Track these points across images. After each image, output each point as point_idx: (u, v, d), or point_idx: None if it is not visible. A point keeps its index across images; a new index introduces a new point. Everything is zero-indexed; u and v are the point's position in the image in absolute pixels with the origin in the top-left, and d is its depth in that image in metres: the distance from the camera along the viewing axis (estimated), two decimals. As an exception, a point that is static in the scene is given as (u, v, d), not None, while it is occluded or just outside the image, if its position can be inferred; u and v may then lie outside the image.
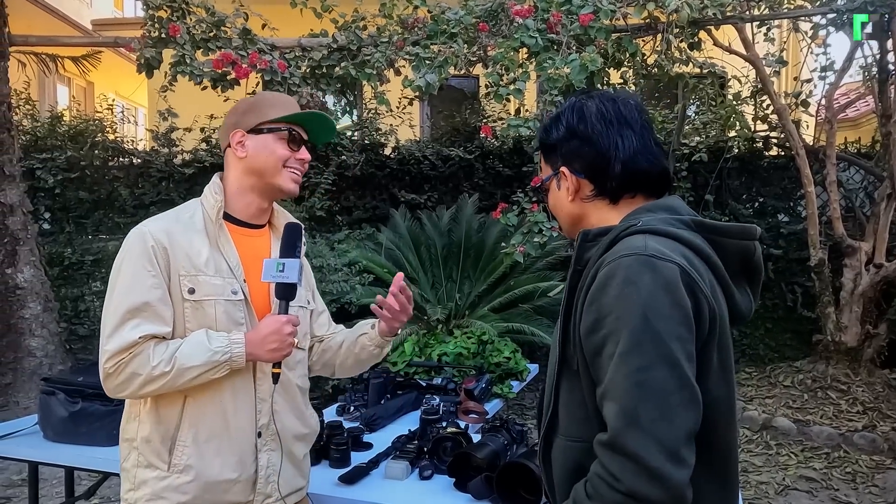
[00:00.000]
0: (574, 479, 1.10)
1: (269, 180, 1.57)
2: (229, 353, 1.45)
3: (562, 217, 1.31)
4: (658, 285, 1.01)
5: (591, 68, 3.40)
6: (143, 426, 1.48)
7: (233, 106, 1.65)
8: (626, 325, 1.00)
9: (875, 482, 4.13)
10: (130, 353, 1.39)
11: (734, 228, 1.16)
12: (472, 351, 3.37)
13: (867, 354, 5.23)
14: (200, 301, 1.47)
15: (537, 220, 3.74)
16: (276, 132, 1.57)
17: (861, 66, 5.62)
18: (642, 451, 0.96)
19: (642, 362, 0.99)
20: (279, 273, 1.49)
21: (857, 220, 5.89)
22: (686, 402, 0.99)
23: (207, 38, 4.41)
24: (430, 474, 2.09)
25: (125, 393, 1.42)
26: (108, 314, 1.42)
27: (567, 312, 1.14)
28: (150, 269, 1.42)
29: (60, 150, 6.31)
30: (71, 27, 10.15)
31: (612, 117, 1.21)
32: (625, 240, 1.09)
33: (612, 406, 1.00)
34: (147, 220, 1.52)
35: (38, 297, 5.01)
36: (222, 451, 1.49)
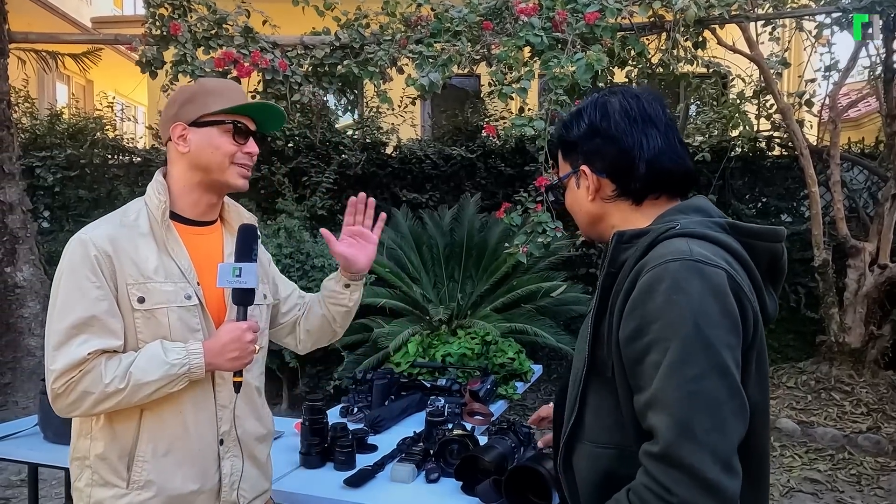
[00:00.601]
0: (603, 486, 1.08)
1: (216, 177, 1.48)
2: (187, 364, 1.37)
3: (580, 216, 1.27)
4: (707, 292, 0.99)
5: (596, 67, 3.37)
6: (96, 443, 1.39)
7: (171, 95, 1.53)
8: (675, 334, 0.98)
9: (880, 484, 4.11)
10: (80, 371, 1.29)
11: (765, 231, 1.14)
12: (476, 352, 3.34)
13: (871, 356, 5.21)
14: (151, 310, 1.38)
15: (541, 220, 3.71)
16: (220, 125, 1.46)
17: (865, 65, 5.62)
18: (698, 463, 0.94)
19: (695, 372, 0.96)
20: (236, 278, 1.42)
21: (860, 221, 5.86)
22: (737, 411, 0.98)
23: (209, 36, 4.39)
24: (436, 477, 2.06)
25: (77, 412, 1.33)
26: (51, 330, 1.32)
27: (599, 316, 1.10)
28: (95, 280, 1.33)
29: (60, 149, 6.28)
30: (71, 25, 10.12)
31: (637, 115, 1.17)
32: (665, 243, 1.06)
33: (663, 417, 0.97)
34: (88, 225, 1.42)
35: (37, 296, 4.97)
36: (183, 463, 1.42)
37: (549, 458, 1.85)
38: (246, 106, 1.50)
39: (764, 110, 6.02)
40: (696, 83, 5.79)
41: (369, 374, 2.94)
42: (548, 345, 4.90)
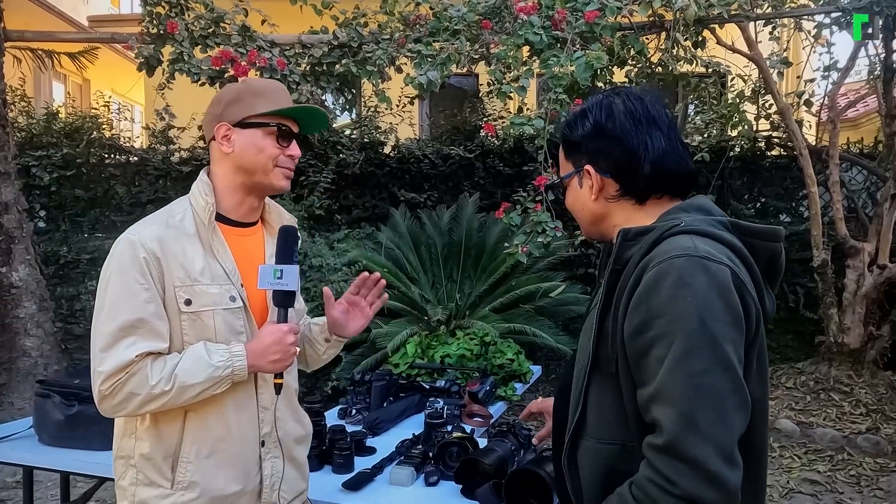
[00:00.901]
0: (606, 482, 1.10)
1: (259, 179, 1.48)
2: (231, 367, 1.38)
3: (582, 216, 1.29)
4: (712, 288, 1.01)
5: (596, 66, 3.35)
6: (141, 443, 1.41)
7: (216, 94, 1.52)
8: (681, 328, 1.00)
9: (879, 485, 4.10)
10: (127, 373, 1.31)
11: (765, 230, 1.16)
12: (475, 352, 3.32)
13: (870, 356, 5.20)
14: (198, 312, 1.39)
15: (540, 220, 3.69)
16: (264, 127, 1.46)
17: (865, 65, 5.61)
18: (701, 455, 0.96)
19: (700, 366, 0.98)
20: (277, 280, 1.43)
21: (859, 221, 5.86)
22: (739, 405, 1.00)
23: (206, 34, 4.36)
24: (435, 480, 2.04)
25: (122, 413, 1.35)
26: (99, 332, 1.33)
27: (604, 312, 1.12)
28: (143, 282, 1.33)
29: (56, 148, 6.24)
30: (67, 23, 10.07)
31: (641, 116, 1.19)
32: (669, 239, 1.08)
33: (668, 410, 0.99)
34: (135, 226, 1.42)
35: (33, 297, 4.94)
36: (226, 464, 1.43)
37: (549, 460, 1.83)
38: (291, 109, 1.51)
39: (763, 110, 6.01)
40: (695, 83, 5.78)
41: (367, 376, 2.91)
42: (546, 345, 4.89)
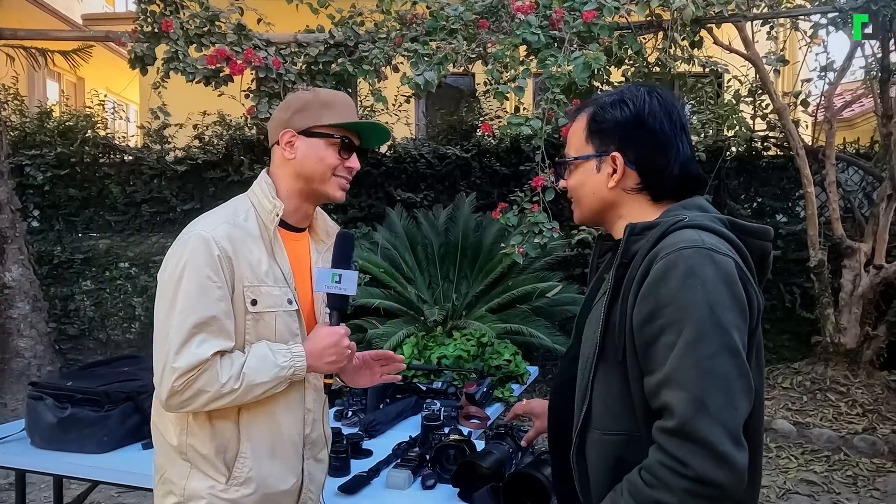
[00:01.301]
0: (613, 473, 1.12)
1: (317, 186, 1.51)
2: (293, 367, 1.42)
3: (589, 200, 1.29)
4: (719, 278, 1.06)
5: (594, 66, 3.34)
6: (194, 438, 1.43)
7: (286, 100, 1.56)
8: (690, 316, 1.04)
9: (876, 485, 4.10)
10: (200, 370, 1.33)
11: (758, 229, 1.20)
12: (471, 353, 3.29)
13: (866, 356, 5.20)
14: (262, 313, 1.43)
15: (537, 221, 3.68)
16: (328, 138, 1.49)
17: (861, 65, 5.60)
18: (712, 436, 1.00)
19: (709, 351, 1.03)
20: (335, 284, 1.48)
21: (855, 221, 5.85)
22: (745, 389, 1.04)
23: (201, 33, 4.33)
24: (433, 483, 2.03)
25: (187, 409, 1.37)
26: (170, 327, 1.34)
27: (611, 303, 1.15)
28: (216, 281, 1.36)
29: (50, 147, 6.20)
30: (61, 21, 10.02)
31: (679, 120, 1.23)
32: (676, 233, 1.12)
33: (679, 393, 1.03)
34: (203, 222, 1.43)
35: (26, 297, 4.91)
36: (276, 462, 1.48)
37: (547, 463, 1.82)
38: (356, 124, 1.55)
39: (759, 110, 6.00)
40: (692, 83, 5.77)
41: (364, 377, 2.89)
42: (543, 346, 4.88)
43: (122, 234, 6.31)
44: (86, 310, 6.06)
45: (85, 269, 6.11)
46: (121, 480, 2.31)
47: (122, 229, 6.33)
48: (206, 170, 6.15)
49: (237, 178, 6.07)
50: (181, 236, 1.41)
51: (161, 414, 1.48)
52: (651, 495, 1.04)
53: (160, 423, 1.49)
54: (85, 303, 6.05)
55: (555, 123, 3.42)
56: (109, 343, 6.13)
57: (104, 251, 6.08)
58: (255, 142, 6.17)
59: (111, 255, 6.07)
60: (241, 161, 6.10)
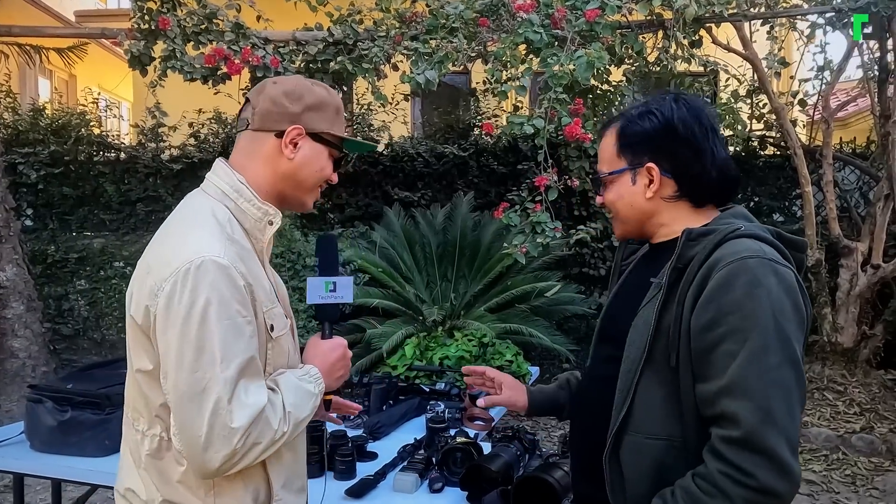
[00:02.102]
0: (653, 476, 1.13)
1: (301, 194, 1.35)
2: (320, 392, 1.28)
3: (628, 213, 1.30)
4: (782, 289, 1.08)
5: (597, 65, 3.32)
6: (224, 497, 1.22)
7: (288, 84, 1.32)
8: (755, 325, 1.05)
9: (875, 485, 4.11)
10: (256, 422, 1.13)
11: (799, 241, 1.24)
12: (473, 354, 3.28)
13: (863, 355, 5.21)
14: (278, 339, 1.26)
15: (540, 221, 3.66)
16: (333, 148, 1.35)
17: (858, 65, 5.62)
18: (777, 447, 1.01)
19: (775, 362, 1.04)
20: (330, 293, 1.36)
21: (852, 221, 5.88)
22: (801, 400, 1.07)
23: (199, 31, 4.29)
24: (440, 487, 2.00)
25: (239, 467, 1.15)
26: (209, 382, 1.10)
27: (664, 309, 1.15)
28: (246, 315, 1.15)
29: (43, 145, 6.14)
30: (53, 18, 9.92)
31: (709, 124, 1.24)
32: (734, 241, 1.12)
33: (744, 402, 1.03)
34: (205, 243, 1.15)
35: (21, 297, 4.85)
36: (297, 488, 1.36)
37: (557, 467, 1.81)
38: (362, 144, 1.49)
39: (757, 110, 6.01)
40: (690, 82, 5.77)
41: (366, 378, 2.87)
42: (542, 345, 4.86)
43: (116, 233, 6.26)
44: (80, 309, 6.01)
45: (79, 269, 6.05)
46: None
47: (117, 228, 6.28)
48: (202, 168, 6.07)
49: (233, 176, 6.01)
50: (178, 264, 1.13)
51: (170, 484, 1.22)
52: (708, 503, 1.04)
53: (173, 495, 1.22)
54: (79, 302, 6.00)
55: (557, 122, 3.41)
56: (104, 343, 6.08)
57: (99, 250, 6.02)
58: (251, 140, 6.12)
59: (106, 255, 6.01)
60: (237, 159, 6.05)
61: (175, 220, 1.26)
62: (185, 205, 1.29)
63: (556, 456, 1.92)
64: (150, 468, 1.23)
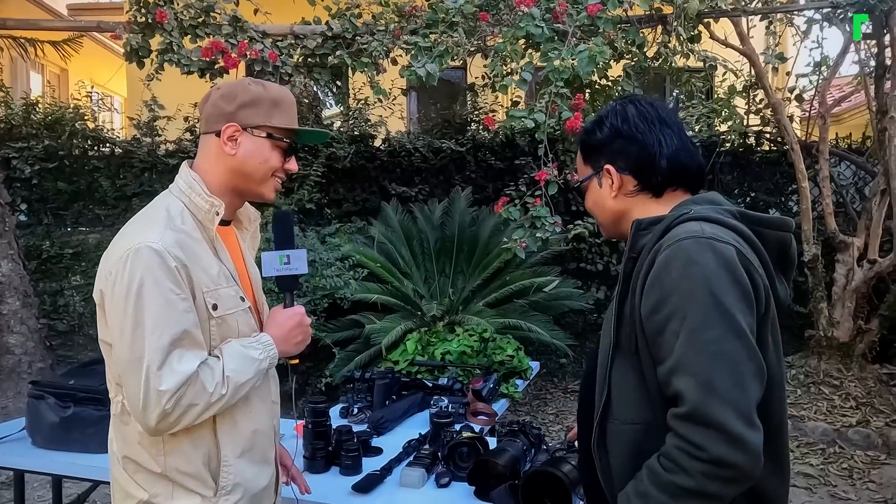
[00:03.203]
0: (634, 461, 1.16)
1: (254, 186, 1.46)
2: (268, 357, 1.41)
3: (604, 214, 1.38)
4: (719, 264, 1.09)
5: (599, 60, 3.31)
6: (173, 457, 1.36)
7: (226, 87, 1.44)
8: (692, 302, 1.08)
9: (871, 478, 4.14)
10: (186, 386, 1.27)
11: (773, 220, 1.25)
12: (475, 349, 3.28)
13: (859, 349, 5.24)
14: (223, 316, 1.38)
15: (539, 215, 3.66)
16: (275, 140, 1.43)
17: (854, 61, 5.64)
18: (723, 418, 1.02)
19: (714, 335, 1.06)
20: (285, 266, 1.47)
21: (847, 216, 5.90)
22: (754, 371, 1.07)
23: (196, 24, 4.25)
24: (447, 481, 2.01)
25: (178, 427, 1.29)
26: (143, 350, 1.25)
27: (622, 298, 1.21)
28: (179, 292, 1.29)
29: (37, 139, 6.08)
30: (45, 11, 9.82)
31: (654, 118, 1.31)
32: (679, 226, 1.17)
33: (688, 379, 1.06)
34: (144, 232, 1.31)
35: (16, 292, 4.80)
36: (255, 460, 1.46)
37: (565, 461, 1.81)
38: (307, 131, 1.55)
39: (753, 105, 6.03)
40: (687, 77, 5.78)
41: (368, 373, 2.87)
42: (541, 340, 4.87)
43: (112, 228, 6.20)
44: (75, 305, 5.96)
45: (74, 264, 6.01)
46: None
47: (113, 223, 6.22)
48: (200, 163, 6.05)
49: (229, 171, 5.97)
50: (121, 252, 1.29)
51: (128, 443, 1.39)
52: (670, 479, 1.07)
53: (132, 453, 1.39)
54: (74, 298, 5.95)
55: (558, 117, 3.40)
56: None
57: (94, 246, 5.97)
58: (247, 135, 6.08)
59: (101, 250, 5.86)
60: (233, 154, 6.01)
61: (135, 217, 1.43)
62: (150, 203, 1.45)
63: (563, 450, 1.91)
64: (116, 429, 1.43)
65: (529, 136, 5.91)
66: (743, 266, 1.11)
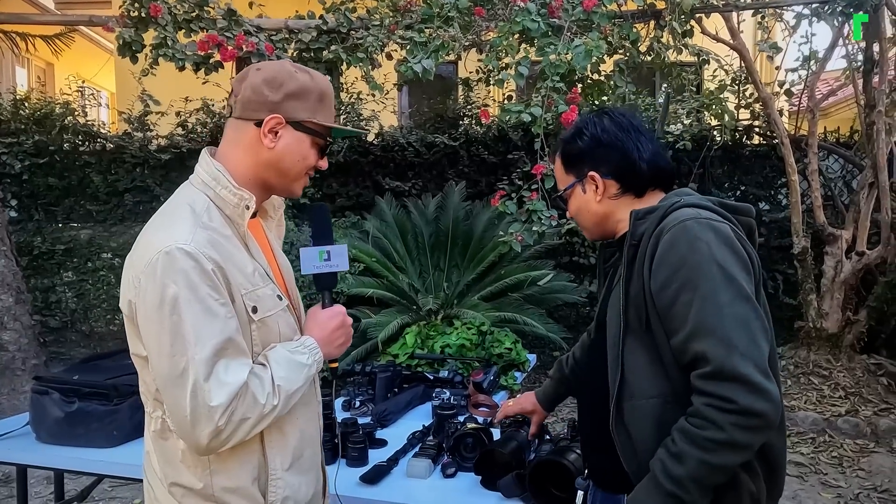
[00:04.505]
0: (656, 433, 1.24)
1: (286, 182, 1.35)
2: (315, 361, 1.31)
3: (588, 218, 1.48)
4: (720, 240, 1.22)
5: (595, 54, 3.34)
6: (219, 476, 1.26)
7: (269, 70, 1.30)
8: (701, 273, 1.19)
9: (861, 465, 4.22)
10: (237, 399, 1.16)
11: (742, 206, 1.39)
12: (473, 342, 3.31)
13: (847, 340, 5.32)
14: (264, 319, 1.27)
15: (536, 209, 3.69)
16: (316, 137, 1.33)
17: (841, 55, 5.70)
18: (746, 371, 1.12)
19: (725, 299, 1.17)
20: (325, 262, 1.38)
21: (835, 209, 5.98)
22: (762, 330, 1.18)
23: (190, 18, 4.23)
24: (453, 472, 2.03)
25: (230, 444, 1.19)
26: (185, 364, 1.14)
27: (628, 281, 1.30)
28: (218, 297, 1.17)
29: (27, 135, 6.03)
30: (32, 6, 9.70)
31: (629, 126, 1.43)
32: (675, 212, 1.28)
33: (708, 340, 1.16)
34: (172, 232, 1.19)
35: (9, 289, 4.76)
36: (304, 469, 1.38)
37: (570, 450, 1.84)
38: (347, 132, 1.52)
39: (743, 99, 6.09)
40: (678, 71, 5.83)
41: (368, 367, 2.89)
42: (535, 334, 4.91)
43: (104, 224, 6.18)
44: (68, 302, 5.93)
45: (66, 260, 5.97)
46: (127, 474, 2.26)
47: (105, 219, 6.20)
48: (191, 158, 6.01)
49: (223, 166, 5.95)
50: (149, 256, 1.17)
51: (171, 463, 1.28)
52: (702, 435, 1.15)
53: (176, 475, 1.27)
54: (67, 294, 5.92)
55: (554, 111, 3.43)
56: (93, 335, 6.01)
57: (86, 242, 5.94)
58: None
59: (93, 246, 5.93)
60: (226, 149, 5.98)
61: (156, 214, 1.30)
62: (171, 197, 1.33)
63: (567, 440, 1.94)
64: (157, 448, 1.30)
65: (522, 131, 5.93)
66: (738, 241, 1.24)
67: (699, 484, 1.16)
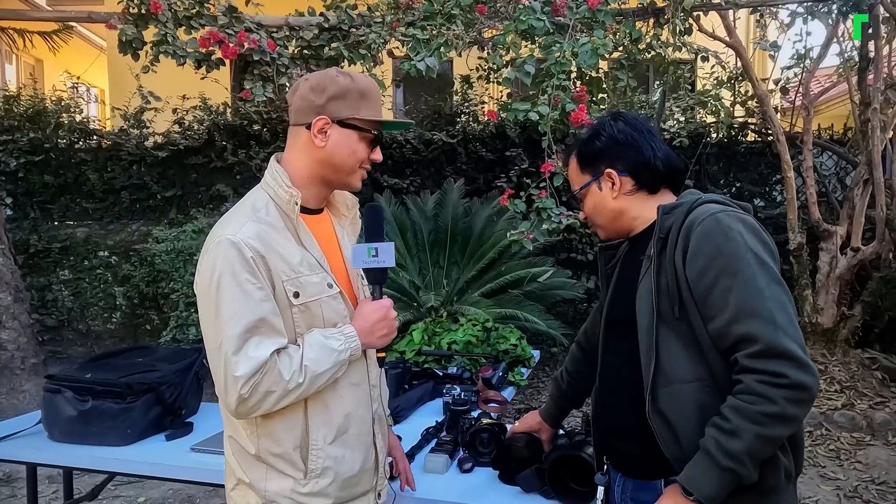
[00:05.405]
0: (697, 415, 1.30)
1: (342, 177, 1.49)
2: (349, 348, 1.42)
3: (604, 215, 1.55)
4: (749, 230, 1.31)
5: (601, 52, 3.36)
6: (264, 440, 1.42)
7: (314, 79, 1.47)
8: (738, 261, 1.26)
9: (858, 458, 4.28)
10: (262, 372, 1.31)
11: (742, 205, 1.46)
12: (479, 339, 3.33)
13: (842, 335, 5.39)
14: (306, 303, 1.41)
15: (545, 207, 3.71)
16: (362, 131, 1.46)
17: (836, 53, 5.77)
18: (792, 348, 1.20)
19: (763, 283, 1.25)
20: (373, 258, 1.48)
21: (829, 205, 6.05)
22: (794, 313, 1.27)
23: (190, 15, 4.21)
24: (470, 467, 2.05)
25: (258, 412, 1.35)
26: (221, 337, 1.31)
27: (658, 273, 1.37)
28: (255, 282, 1.33)
29: (21, 132, 5.98)
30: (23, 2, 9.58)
31: (642, 128, 1.52)
32: (700, 207, 1.37)
33: (754, 321, 1.22)
34: (227, 225, 1.38)
35: (7, 287, 4.73)
36: (349, 445, 1.48)
37: (587, 443, 1.86)
38: (394, 123, 1.61)
39: (739, 97, 6.14)
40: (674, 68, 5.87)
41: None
42: (535, 330, 4.93)
43: (100, 221, 6.14)
44: (64, 300, 5.90)
45: (62, 259, 5.93)
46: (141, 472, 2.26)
47: (101, 217, 6.16)
48: (188, 155, 6.01)
49: (220, 163, 5.94)
50: (208, 244, 1.37)
51: (232, 423, 1.46)
52: (756, 409, 1.21)
53: (235, 433, 1.47)
54: (63, 293, 5.89)
55: (561, 109, 3.44)
56: (90, 334, 5.98)
57: (82, 239, 5.90)
58: (237, 127, 6.05)
59: (90, 244, 5.90)
60: (223, 147, 5.97)
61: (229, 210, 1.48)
62: (244, 197, 1.50)
63: (582, 434, 1.97)
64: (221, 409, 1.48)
65: (520, 128, 5.96)
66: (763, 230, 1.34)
67: (753, 457, 1.23)
